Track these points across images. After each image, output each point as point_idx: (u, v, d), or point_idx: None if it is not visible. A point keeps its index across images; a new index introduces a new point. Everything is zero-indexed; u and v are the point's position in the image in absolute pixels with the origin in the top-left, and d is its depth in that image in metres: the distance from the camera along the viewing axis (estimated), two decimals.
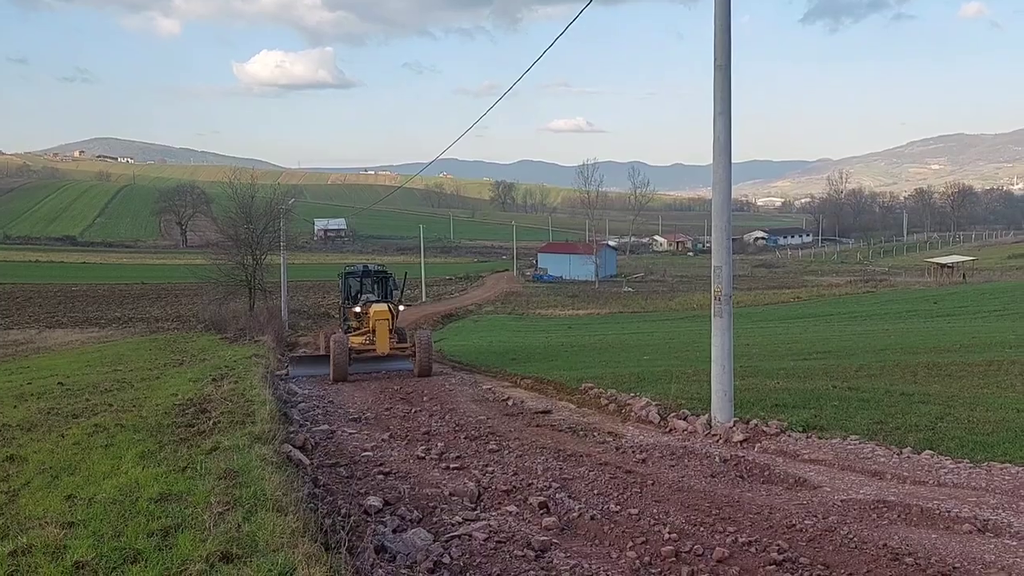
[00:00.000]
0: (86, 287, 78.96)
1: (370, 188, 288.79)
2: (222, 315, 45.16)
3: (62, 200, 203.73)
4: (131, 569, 6.52)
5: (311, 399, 19.32)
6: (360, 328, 25.07)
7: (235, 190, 55.87)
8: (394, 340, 24.02)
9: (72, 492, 9.07)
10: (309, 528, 7.55)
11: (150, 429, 12.96)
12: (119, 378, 21.84)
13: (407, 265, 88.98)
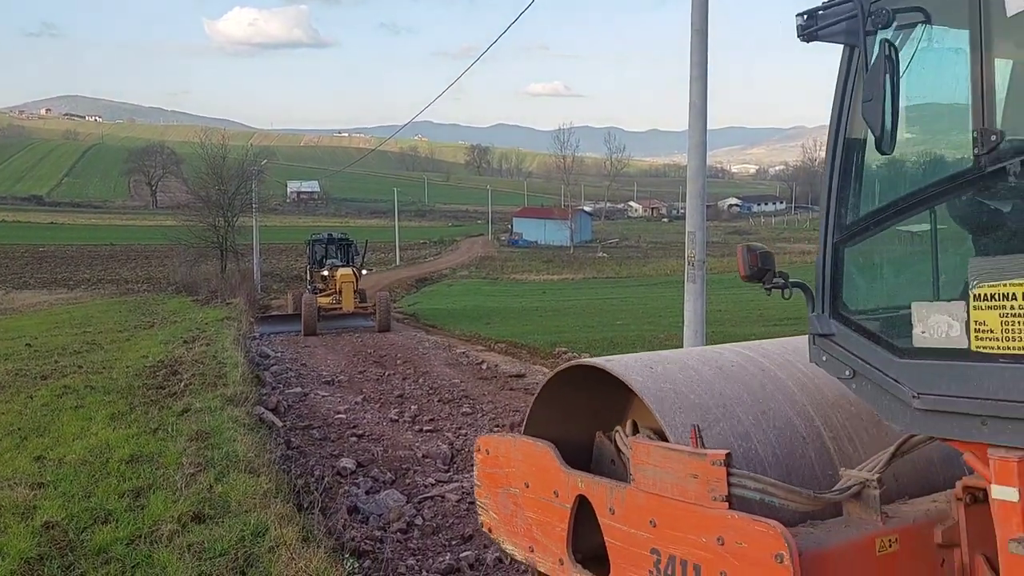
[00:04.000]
0: (54, 248, 77.81)
1: (344, 150, 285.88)
2: (193, 277, 44.77)
3: (28, 159, 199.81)
4: (102, 529, 6.51)
5: (284, 362, 19.28)
6: (326, 289, 27.94)
7: (206, 151, 55.13)
8: (357, 300, 27.09)
9: (41, 453, 9.02)
10: (282, 489, 7.57)
11: (120, 391, 12.88)
12: (88, 340, 21.63)
13: (381, 229, 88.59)
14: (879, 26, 3.18)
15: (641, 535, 3.60)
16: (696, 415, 3.78)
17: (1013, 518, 2.82)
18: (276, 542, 6.01)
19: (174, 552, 5.95)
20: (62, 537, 6.33)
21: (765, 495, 3.30)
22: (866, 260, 3.51)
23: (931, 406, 3.06)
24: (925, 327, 3.12)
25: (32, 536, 6.31)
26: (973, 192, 3.01)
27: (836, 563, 3.17)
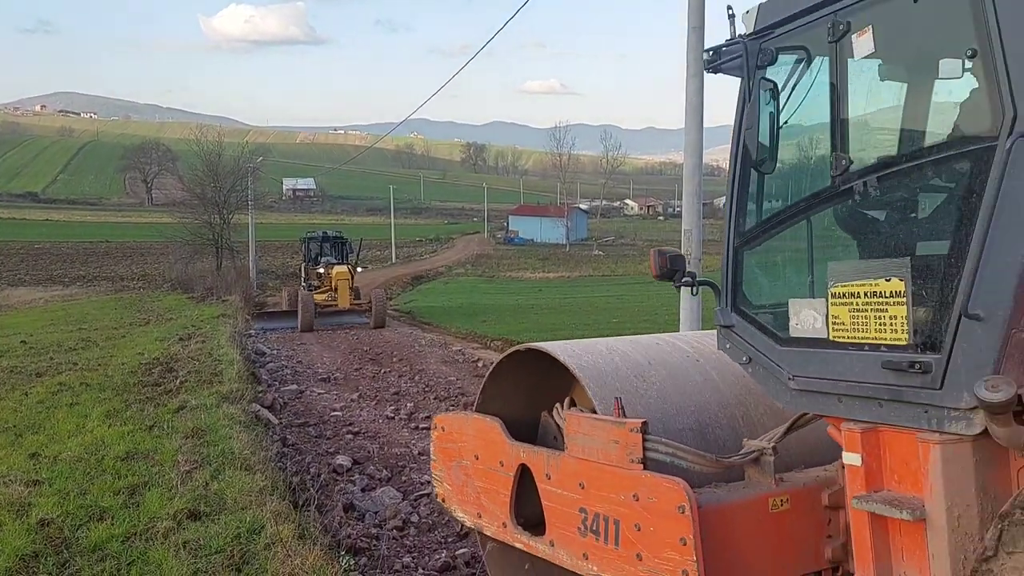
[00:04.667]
0: (49, 245, 77.58)
1: (340, 147, 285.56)
2: (189, 274, 44.65)
3: (23, 156, 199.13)
4: (97, 527, 6.51)
5: (280, 359, 19.28)
6: (322, 287, 28.45)
7: (202, 148, 54.99)
8: (352, 297, 27.74)
9: (36, 450, 9.01)
10: (278, 486, 7.57)
11: (116, 388, 12.87)
12: (84, 337, 21.60)
13: (377, 226, 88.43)
14: (764, 63, 3.71)
15: (572, 496, 4.08)
16: (621, 390, 4.27)
17: (857, 479, 3.37)
18: (272, 539, 6.01)
19: (169, 549, 5.95)
20: (57, 534, 6.33)
21: (675, 458, 3.78)
22: (759, 262, 4.05)
23: (803, 386, 3.63)
24: (798, 320, 3.67)
25: (27, 533, 6.30)
26: (831, 207, 3.63)
27: (732, 516, 3.71)
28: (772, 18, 3.73)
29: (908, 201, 3.40)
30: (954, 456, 3.08)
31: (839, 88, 3.46)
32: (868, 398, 3.35)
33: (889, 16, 3.32)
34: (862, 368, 3.34)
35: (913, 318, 3.19)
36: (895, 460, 3.34)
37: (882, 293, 3.27)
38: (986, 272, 2.94)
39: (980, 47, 3.00)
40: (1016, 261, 2.87)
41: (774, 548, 3.79)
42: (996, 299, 2.91)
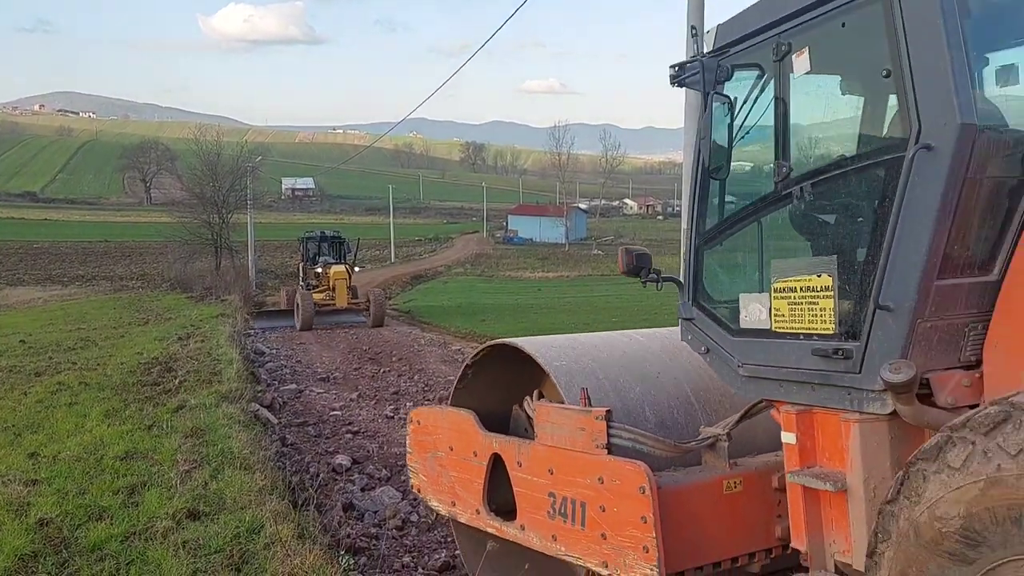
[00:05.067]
0: (48, 244, 77.52)
1: (339, 147, 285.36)
2: (188, 274, 44.63)
3: (22, 155, 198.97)
4: (96, 526, 6.50)
5: (279, 358, 19.27)
6: (320, 286, 28.67)
7: (201, 147, 54.99)
8: (350, 296, 27.98)
9: (36, 450, 9.00)
10: (277, 486, 7.57)
11: (115, 387, 12.86)
12: (83, 336, 21.59)
13: (376, 226, 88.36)
14: (722, 79, 4.03)
15: (541, 482, 4.36)
16: (587, 382, 4.57)
17: (793, 456, 3.75)
18: (271, 539, 6.01)
19: (169, 549, 5.94)
20: (56, 534, 6.32)
21: (636, 443, 4.08)
22: (716, 260, 4.40)
23: (750, 373, 3.98)
24: (747, 313, 4.02)
25: (26, 533, 6.30)
26: (774, 210, 3.97)
27: (689, 497, 4.04)
28: (727, 38, 4.09)
29: (835, 205, 3.76)
30: (871, 433, 3.43)
31: (782, 102, 3.83)
32: (803, 383, 3.72)
33: (822, 39, 3.67)
34: (798, 355, 3.70)
35: (838, 310, 3.54)
36: (825, 438, 3.71)
37: (814, 288, 3.64)
38: (894, 268, 3.29)
39: (893, 68, 3.34)
40: (919, 258, 3.22)
41: (728, 526, 4.10)
42: (903, 292, 3.26)
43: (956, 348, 3.37)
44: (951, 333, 3.35)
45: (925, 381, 3.30)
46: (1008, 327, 3.25)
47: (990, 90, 3.66)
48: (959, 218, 3.21)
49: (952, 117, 3.13)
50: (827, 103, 4.12)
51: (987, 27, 3.53)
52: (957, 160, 3.14)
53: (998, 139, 3.27)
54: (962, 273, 3.32)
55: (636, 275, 4.52)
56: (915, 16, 3.24)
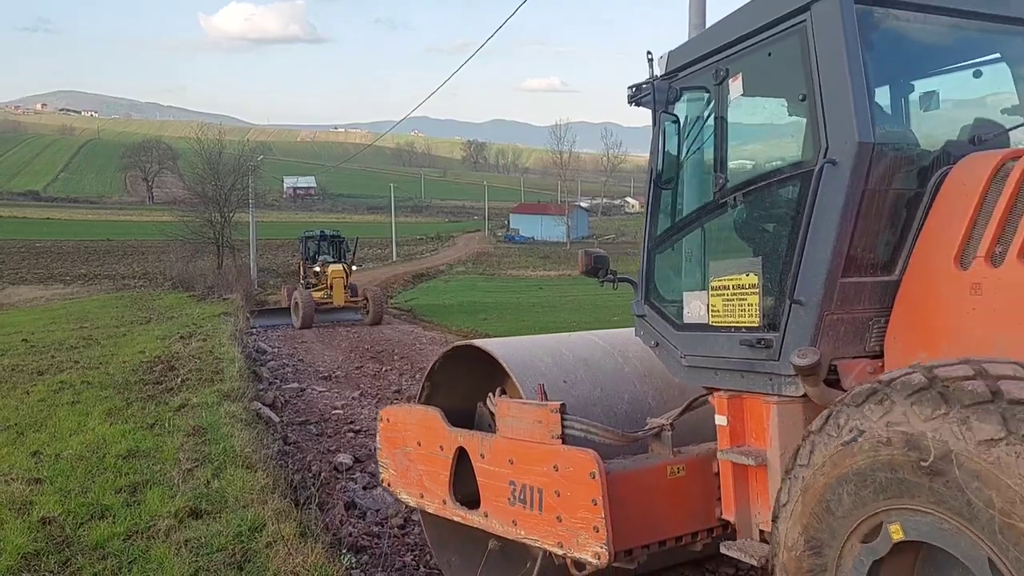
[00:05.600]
0: (51, 243, 77.54)
1: (340, 146, 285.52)
2: (190, 273, 44.60)
3: (24, 154, 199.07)
4: (99, 525, 6.51)
5: (281, 357, 19.28)
6: (319, 284, 29.10)
7: (202, 146, 54.92)
8: (348, 294, 28.12)
9: (38, 449, 9.01)
10: (279, 485, 7.57)
11: (117, 386, 12.87)
12: (85, 335, 21.60)
13: (378, 224, 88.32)
14: (672, 99, 4.52)
15: (502, 471, 4.70)
16: (545, 379, 4.98)
17: (724, 437, 4.22)
18: (273, 537, 6.01)
19: (171, 547, 5.95)
20: (59, 532, 6.33)
21: (588, 433, 4.46)
22: (665, 262, 4.86)
23: (691, 364, 4.48)
24: (689, 309, 4.51)
25: (29, 531, 6.31)
26: (713, 218, 4.44)
27: (635, 481, 4.38)
28: (677, 63, 4.57)
29: (761, 212, 4.25)
30: (787, 413, 3.90)
31: (721, 121, 4.30)
32: (733, 370, 4.20)
33: (753, 66, 4.16)
34: (729, 346, 4.18)
35: (762, 305, 4.02)
36: (751, 420, 4.17)
37: (743, 286, 4.13)
38: (806, 267, 3.75)
39: (808, 92, 3.82)
40: (826, 259, 3.67)
41: (672, 508, 4.45)
42: (813, 288, 3.72)
43: (862, 339, 3.84)
44: (857, 325, 3.81)
45: (834, 367, 3.78)
46: (905, 321, 3.70)
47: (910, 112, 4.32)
48: (861, 225, 3.68)
49: (852, 136, 3.57)
50: (757, 122, 4.65)
51: (888, 59, 4.07)
52: (856, 174, 3.59)
53: (898, 156, 3.73)
54: (865, 272, 3.78)
55: (595, 276, 5.09)
56: (824, 48, 3.72)
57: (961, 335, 3.43)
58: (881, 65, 3.95)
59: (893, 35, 3.98)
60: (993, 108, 4.30)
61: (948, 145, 3.94)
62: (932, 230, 3.65)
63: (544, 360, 5.25)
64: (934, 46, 4.16)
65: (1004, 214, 3.40)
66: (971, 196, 3.51)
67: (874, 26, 3.81)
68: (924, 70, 4.31)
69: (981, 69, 4.25)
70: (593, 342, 5.67)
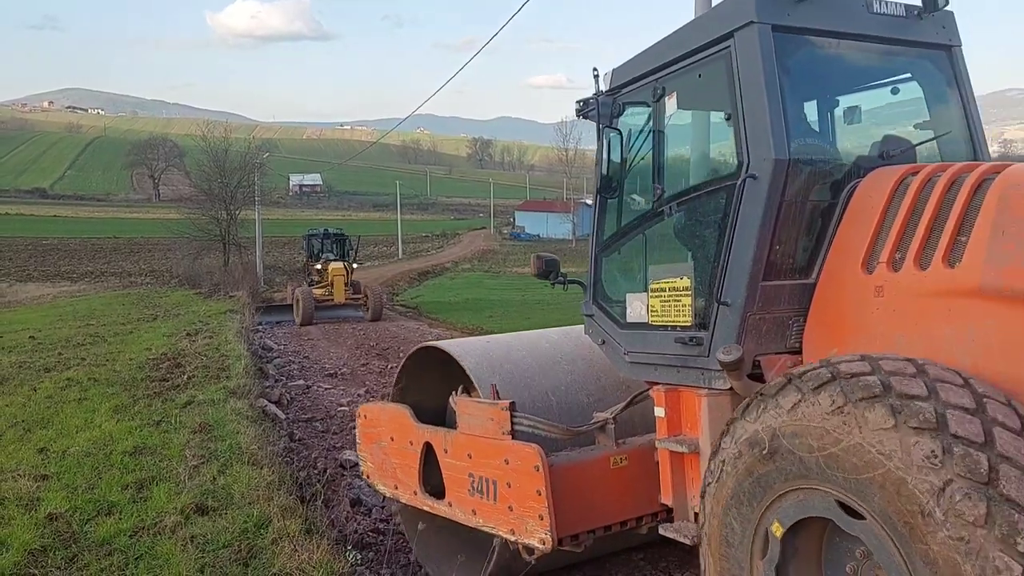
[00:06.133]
0: (57, 240, 77.83)
1: (346, 143, 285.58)
2: (196, 270, 44.74)
3: (31, 152, 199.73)
4: (105, 521, 6.53)
5: (287, 354, 19.31)
6: (321, 281, 29.49)
7: (208, 144, 54.98)
8: (349, 291, 28.65)
9: (45, 445, 9.05)
10: (285, 481, 7.59)
11: (124, 383, 12.91)
12: (92, 332, 21.67)
13: (383, 222, 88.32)
14: (615, 114, 4.84)
15: (463, 465, 5.06)
16: (501, 377, 5.36)
17: (663, 427, 4.57)
18: (279, 534, 6.03)
19: (177, 544, 5.97)
20: (65, 529, 6.36)
21: (535, 429, 4.80)
22: (610, 266, 5.20)
23: (634, 359, 4.84)
24: (631, 309, 4.87)
25: (36, 528, 6.33)
26: (652, 225, 4.79)
27: (579, 472, 4.73)
28: (620, 80, 4.90)
29: (693, 221, 4.57)
30: (716, 404, 4.25)
31: (659, 135, 4.64)
32: (670, 366, 4.55)
33: (686, 85, 4.53)
34: (666, 344, 4.53)
35: (694, 306, 4.38)
36: (686, 411, 4.51)
37: (677, 288, 4.49)
38: (730, 272, 4.08)
39: (732, 112, 4.15)
40: (747, 264, 4.00)
41: (615, 495, 4.79)
42: (737, 291, 4.05)
43: (782, 336, 4.16)
44: (778, 324, 4.14)
45: (758, 363, 4.11)
46: (820, 320, 4.04)
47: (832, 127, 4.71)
48: (780, 233, 4.02)
49: (769, 153, 3.91)
50: (691, 137, 5.02)
51: (806, 80, 4.45)
52: (774, 188, 3.93)
53: (814, 170, 4.09)
54: (785, 276, 4.10)
55: (546, 278, 5.41)
56: (745, 72, 4.06)
57: (866, 333, 3.78)
58: (800, 86, 4.35)
59: (810, 58, 4.35)
60: (906, 124, 4.71)
61: (859, 160, 4.30)
62: (843, 238, 3.99)
63: (501, 359, 5.59)
64: (849, 67, 4.54)
65: (903, 224, 3.74)
66: (876, 207, 3.86)
67: (792, 52, 4.16)
68: (840, 89, 4.69)
69: (898, 87, 4.63)
70: (550, 339, 6.06)
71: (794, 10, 4.11)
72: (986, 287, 3.34)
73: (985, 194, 3.48)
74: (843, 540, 3.26)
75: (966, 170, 3.68)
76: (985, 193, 3.48)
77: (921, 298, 3.59)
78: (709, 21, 4.44)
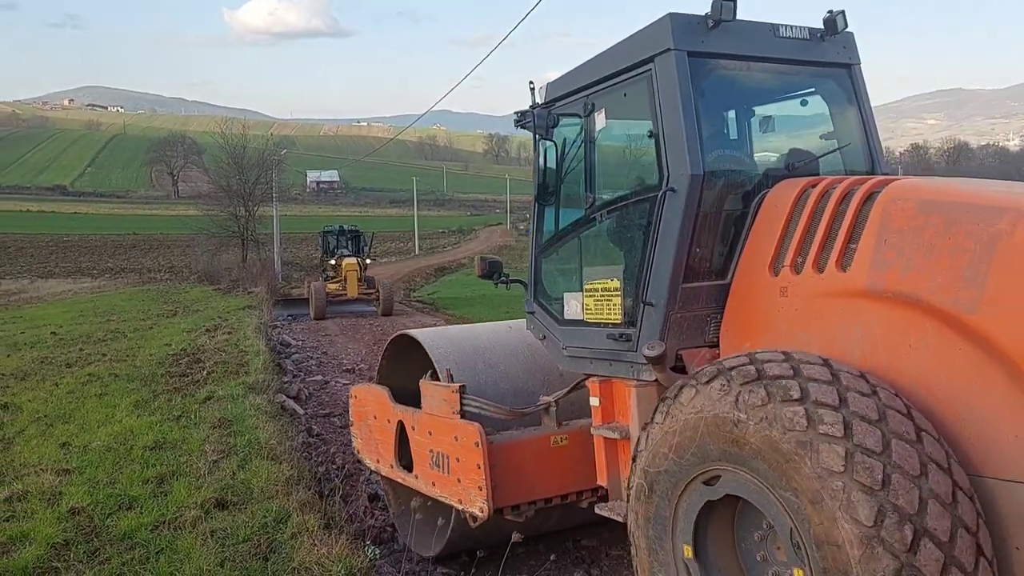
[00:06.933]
0: (78, 237, 78.48)
1: (363, 139, 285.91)
2: (215, 266, 44.97)
3: (52, 149, 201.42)
4: (126, 515, 6.59)
5: (305, 350, 19.38)
6: (336, 277, 30.15)
7: (227, 140, 55.21)
8: (363, 286, 29.42)
9: (67, 440, 9.13)
10: (303, 476, 7.63)
11: (144, 379, 13.01)
12: (112, 328, 21.85)
13: (400, 218, 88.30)
14: (551, 125, 5.17)
15: (425, 441, 5.72)
16: (464, 363, 5.88)
17: (597, 415, 5.01)
18: (298, 528, 6.06)
19: (197, 538, 6.01)
20: (87, 523, 6.42)
21: (482, 410, 5.36)
22: (549, 267, 5.65)
23: (572, 354, 5.24)
24: (568, 307, 5.27)
25: (58, 521, 6.40)
26: (585, 230, 5.22)
27: (518, 448, 5.27)
28: (554, 94, 5.29)
29: (622, 228, 4.97)
30: (644, 395, 4.64)
31: (590, 147, 5.06)
32: (603, 359, 4.93)
33: (614, 103, 4.92)
34: (600, 339, 4.90)
35: (624, 305, 4.76)
36: (618, 401, 4.93)
37: (609, 289, 4.88)
38: (654, 275, 4.46)
39: (654, 129, 4.53)
40: (668, 268, 4.38)
41: (554, 471, 5.31)
42: (660, 292, 4.44)
43: (702, 332, 4.56)
44: (697, 322, 4.53)
45: (680, 356, 4.50)
46: (734, 318, 4.42)
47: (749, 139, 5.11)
48: (697, 240, 4.41)
49: (685, 169, 4.29)
50: (619, 151, 5.37)
51: (721, 98, 4.90)
52: (690, 200, 4.31)
53: (728, 182, 4.55)
54: (703, 278, 4.50)
55: (491, 279, 5.86)
56: (664, 94, 4.44)
57: (773, 329, 4.18)
58: (715, 105, 4.82)
59: (724, 79, 4.81)
60: (813, 136, 5.18)
61: (768, 171, 4.72)
62: (753, 244, 4.39)
63: (465, 347, 6.11)
64: (759, 86, 5.02)
65: (803, 232, 4.14)
66: (780, 216, 4.26)
67: (707, 74, 4.58)
68: (752, 106, 5.13)
69: (807, 100, 5.08)
70: (508, 329, 6.53)
71: (708, 37, 4.49)
72: (871, 289, 3.77)
73: (871, 206, 3.90)
74: (750, 515, 3.71)
75: (857, 183, 4.08)
76: (871, 205, 3.90)
77: (819, 298, 4.02)
78: (633, 44, 4.72)
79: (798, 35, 4.82)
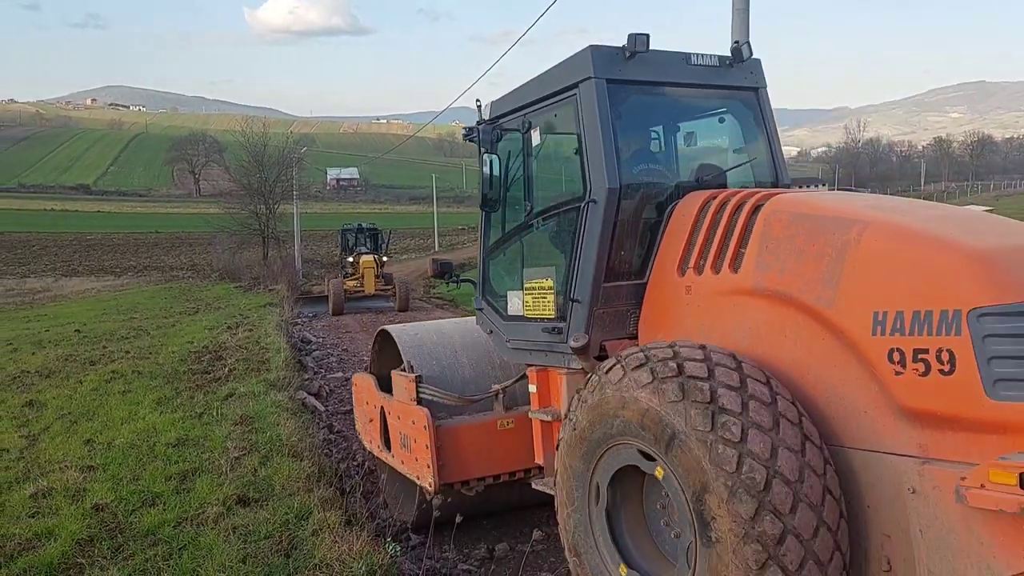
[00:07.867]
0: (101, 236, 79.18)
1: (382, 137, 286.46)
2: (236, 264, 45.20)
3: (75, 148, 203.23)
4: (150, 512, 6.64)
5: (325, 347, 19.44)
6: (354, 274, 30.71)
7: (247, 139, 55.41)
8: (380, 283, 30.02)
9: (91, 437, 9.22)
10: (324, 473, 7.65)
11: (166, 376, 13.11)
12: (135, 326, 22.02)
13: (420, 215, 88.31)
14: (495, 140, 5.74)
15: (397, 424, 6.51)
16: (430, 356, 6.60)
17: (535, 400, 5.62)
18: (319, 525, 6.08)
19: (220, 534, 6.05)
20: (111, 519, 6.47)
21: (435, 397, 6.15)
22: (495, 267, 6.21)
23: (514, 346, 5.86)
24: (511, 304, 5.86)
25: (83, 518, 6.46)
26: (525, 234, 5.80)
27: (467, 432, 6.01)
28: (497, 112, 5.88)
29: (555, 233, 5.56)
30: (572, 381, 5.13)
31: (528, 160, 5.64)
32: (539, 351, 5.52)
33: (547, 122, 5.53)
34: (537, 333, 5.49)
35: (556, 302, 5.36)
36: (552, 387, 5.53)
37: (544, 287, 5.48)
38: (580, 275, 5.03)
39: (580, 147, 5.10)
40: (591, 269, 4.94)
41: (501, 451, 5.98)
42: (585, 291, 5.01)
43: (624, 326, 5.10)
44: (619, 316, 5.09)
45: (604, 347, 5.02)
46: (649, 313, 4.99)
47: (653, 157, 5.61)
48: (617, 244, 4.97)
49: (604, 183, 4.87)
50: (552, 165, 5.84)
51: (639, 119, 5.46)
52: (608, 211, 4.89)
53: (644, 194, 5.10)
54: (623, 278, 5.06)
55: (442, 278, 6.58)
56: (586, 117, 5.01)
57: (681, 323, 4.74)
58: (632, 126, 5.34)
59: (640, 103, 5.36)
60: (725, 152, 5.80)
61: (680, 184, 5.24)
62: (664, 247, 4.93)
63: (433, 341, 6.78)
64: (674, 108, 5.62)
65: (704, 238, 4.69)
66: (686, 224, 4.81)
67: (624, 99, 5.12)
68: (668, 126, 5.67)
69: (724, 118, 5.68)
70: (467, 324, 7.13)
71: (625, 66, 5.05)
72: (756, 288, 4.33)
73: (757, 217, 4.45)
74: (655, 485, 4.20)
75: (748, 196, 4.62)
76: (757, 216, 4.45)
77: (716, 296, 4.57)
78: (562, 71, 5.26)
79: (708, 63, 5.39)
